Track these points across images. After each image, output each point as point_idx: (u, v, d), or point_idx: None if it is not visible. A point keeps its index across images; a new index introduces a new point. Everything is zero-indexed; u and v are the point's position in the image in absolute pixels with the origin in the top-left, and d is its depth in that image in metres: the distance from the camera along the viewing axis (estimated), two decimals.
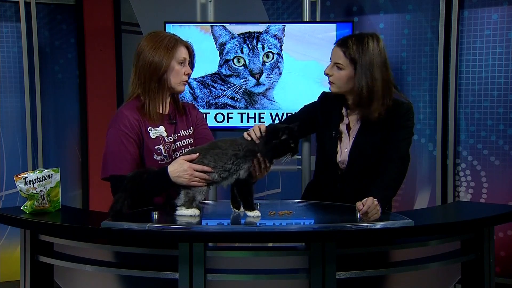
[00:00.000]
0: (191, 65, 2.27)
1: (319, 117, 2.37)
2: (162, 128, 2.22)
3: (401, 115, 2.23)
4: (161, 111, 2.24)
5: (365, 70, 2.18)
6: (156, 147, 2.18)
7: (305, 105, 2.46)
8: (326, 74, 2.27)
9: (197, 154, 2.02)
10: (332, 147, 2.31)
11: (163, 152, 2.19)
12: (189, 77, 2.26)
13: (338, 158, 2.30)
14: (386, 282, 2.00)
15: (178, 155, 2.19)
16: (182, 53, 2.21)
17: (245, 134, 2.05)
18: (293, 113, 2.56)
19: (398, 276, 2.01)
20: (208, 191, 2.04)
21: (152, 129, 2.19)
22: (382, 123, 2.23)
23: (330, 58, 2.28)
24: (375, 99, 2.19)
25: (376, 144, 2.25)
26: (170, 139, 2.23)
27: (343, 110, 2.33)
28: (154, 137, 2.19)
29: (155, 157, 2.18)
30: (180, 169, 2.00)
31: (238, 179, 1.98)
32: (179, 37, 2.24)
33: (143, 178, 2.01)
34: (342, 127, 2.32)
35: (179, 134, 2.26)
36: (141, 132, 2.17)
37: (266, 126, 2.04)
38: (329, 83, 2.29)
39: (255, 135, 2.01)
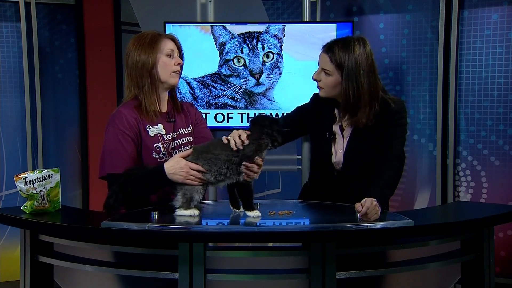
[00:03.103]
0: (181, 56, 2.27)
1: (311, 118, 2.37)
2: (160, 126, 2.22)
3: (393, 113, 2.23)
4: (159, 110, 2.24)
5: (351, 75, 2.16)
6: (154, 145, 2.19)
7: (297, 107, 2.45)
8: (314, 80, 2.27)
9: (192, 149, 2.03)
10: (327, 148, 2.30)
11: (162, 150, 2.19)
12: (181, 68, 2.27)
13: (333, 159, 2.30)
14: (386, 282, 2.00)
15: (177, 153, 2.20)
16: (168, 45, 2.22)
17: (224, 138, 2.01)
18: (285, 114, 2.55)
19: (398, 276, 2.01)
20: (206, 190, 2.04)
21: (151, 127, 2.20)
22: (375, 122, 2.23)
23: (318, 63, 2.28)
24: (361, 106, 2.18)
25: (370, 143, 2.25)
26: (169, 137, 2.23)
27: (335, 111, 2.32)
28: (152, 135, 2.19)
29: (154, 154, 2.18)
30: (176, 166, 2.00)
31: (239, 182, 1.99)
32: (162, 32, 2.28)
33: (139, 174, 2.01)
34: (336, 128, 2.31)
35: (178, 132, 2.27)
36: (139, 131, 2.18)
37: (256, 117, 2.03)
38: (317, 87, 2.28)
39: (235, 141, 1.96)
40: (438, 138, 3.51)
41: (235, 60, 3.24)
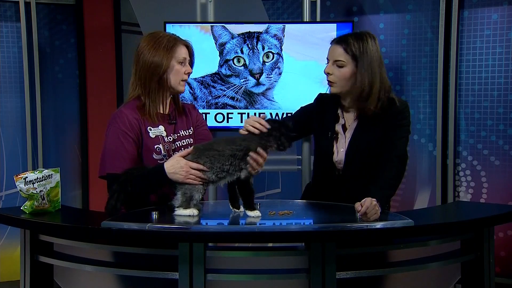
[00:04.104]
0: (191, 64, 2.27)
1: (315, 118, 2.37)
2: (161, 127, 2.22)
3: (397, 113, 2.24)
4: (161, 111, 2.24)
5: (366, 66, 2.20)
6: (155, 147, 2.19)
7: (301, 107, 2.47)
8: (327, 73, 2.27)
9: (192, 148, 2.04)
10: (329, 147, 2.31)
11: (163, 152, 2.19)
12: (189, 76, 2.26)
13: (335, 158, 2.31)
14: (386, 282, 2.00)
15: None
16: (182, 52, 2.22)
17: (241, 131, 2.03)
18: (291, 114, 2.56)
19: (398, 276, 2.01)
20: (206, 189, 2.04)
21: (152, 128, 2.20)
22: (378, 122, 2.24)
23: (327, 58, 2.28)
24: (373, 94, 2.21)
25: (372, 143, 2.25)
26: (170, 138, 2.23)
27: (339, 111, 2.34)
28: (153, 136, 2.19)
29: (155, 156, 2.18)
30: (176, 165, 2.01)
31: (240, 179, 1.99)
32: (178, 37, 2.25)
33: (139, 174, 2.01)
34: (338, 127, 2.32)
35: (178, 134, 2.27)
36: (141, 132, 2.18)
37: (266, 120, 2.04)
38: (328, 84, 2.29)
39: (255, 128, 1.99)
40: (438, 138, 3.51)
41: (235, 60, 3.24)
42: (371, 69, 2.20)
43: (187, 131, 2.31)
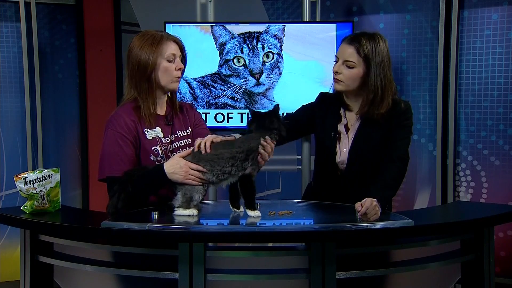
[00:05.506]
0: (184, 60, 2.23)
1: (316, 118, 2.37)
2: (158, 129, 2.21)
3: (399, 114, 2.24)
4: (158, 112, 2.23)
5: (379, 68, 2.18)
6: (153, 148, 2.18)
7: (303, 106, 2.45)
8: (335, 72, 2.25)
9: (191, 150, 2.04)
10: (331, 147, 2.30)
11: (160, 153, 2.18)
12: (182, 73, 2.23)
13: (338, 159, 2.30)
14: (386, 282, 2.00)
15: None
16: (170, 49, 2.17)
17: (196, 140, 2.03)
18: (291, 112, 2.55)
19: (398, 276, 2.01)
20: (206, 190, 2.03)
21: (149, 130, 2.19)
22: (381, 122, 2.24)
23: (336, 56, 2.27)
24: (385, 97, 2.20)
25: (375, 143, 2.25)
26: (167, 140, 2.23)
27: (341, 111, 2.33)
28: (150, 138, 2.18)
29: (152, 158, 2.17)
30: (176, 165, 2.01)
31: (243, 175, 1.98)
32: (166, 33, 2.22)
33: (139, 174, 2.01)
34: (341, 127, 2.32)
35: (176, 135, 2.26)
36: (138, 133, 2.17)
37: (253, 117, 2.04)
38: (334, 80, 2.27)
39: (203, 146, 1.99)
40: (438, 138, 3.52)
41: (235, 60, 3.24)
42: (383, 72, 2.18)
43: (185, 131, 2.30)
